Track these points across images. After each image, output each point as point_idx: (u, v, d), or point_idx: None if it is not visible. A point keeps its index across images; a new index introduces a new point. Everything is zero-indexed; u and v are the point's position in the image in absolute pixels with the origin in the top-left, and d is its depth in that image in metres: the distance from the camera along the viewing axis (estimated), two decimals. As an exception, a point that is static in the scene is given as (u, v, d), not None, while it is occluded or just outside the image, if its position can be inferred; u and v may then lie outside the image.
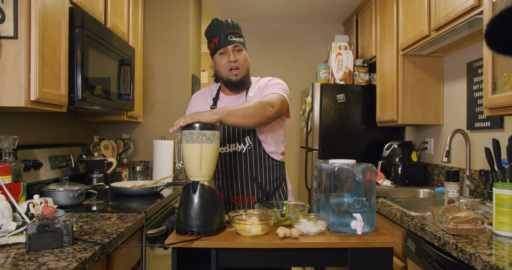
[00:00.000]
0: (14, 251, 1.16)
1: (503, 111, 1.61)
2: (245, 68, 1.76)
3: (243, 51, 1.76)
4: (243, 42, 1.77)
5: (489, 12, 1.66)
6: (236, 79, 1.74)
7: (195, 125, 1.34)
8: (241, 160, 1.75)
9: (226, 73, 1.75)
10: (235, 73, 1.74)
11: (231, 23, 1.75)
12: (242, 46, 1.75)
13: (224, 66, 1.74)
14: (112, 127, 3.13)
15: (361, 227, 1.31)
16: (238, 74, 1.74)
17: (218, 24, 1.73)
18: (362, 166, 1.36)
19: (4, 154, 1.64)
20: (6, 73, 1.49)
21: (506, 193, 1.37)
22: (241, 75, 1.75)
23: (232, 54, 1.72)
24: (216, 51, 1.74)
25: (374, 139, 3.40)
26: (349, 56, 3.48)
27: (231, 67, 1.73)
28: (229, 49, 1.72)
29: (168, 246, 1.27)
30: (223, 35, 1.72)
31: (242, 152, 1.75)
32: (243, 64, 1.74)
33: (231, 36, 1.72)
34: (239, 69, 1.73)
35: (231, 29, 1.73)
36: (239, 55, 1.74)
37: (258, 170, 1.77)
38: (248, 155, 1.75)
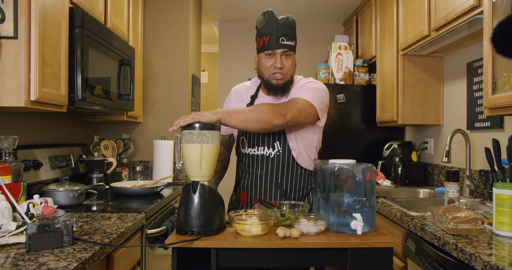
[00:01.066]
0: (14, 251, 1.16)
1: (503, 111, 1.61)
2: (290, 74, 1.65)
3: (292, 56, 1.64)
4: (294, 45, 1.64)
5: (489, 12, 1.65)
6: (277, 83, 1.64)
7: (195, 125, 1.34)
8: (268, 164, 1.69)
9: (268, 76, 1.64)
10: (278, 78, 1.63)
11: (287, 22, 1.61)
12: (292, 51, 1.63)
13: (268, 69, 1.63)
14: (112, 127, 3.13)
15: (361, 227, 1.31)
16: (281, 80, 1.63)
17: (272, 21, 1.59)
18: (362, 166, 1.36)
19: (4, 154, 1.64)
20: (6, 73, 1.49)
21: (506, 193, 1.37)
22: (284, 80, 1.64)
23: (280, 60, 1.60)
24: (263, 50, 1.63)
25: (374, 139, 3.40)
26: (349, 56, 3.48)
27: (275, 72, 1.62)
28: (277, 53, 1.60)
29: (168, 246, 1.27)
30: (275, 36, 1.58)
31: (270, 157, 1.69)
32: (288, 71, 1.63)
33: (283, 39, 1.59)
34: (283, 75, 1.62)
35: (285, 30, 1.59)
36: (287, 60, 1.62)
37: (284, 177, 1.70)
38: (276, 160, 1.69)
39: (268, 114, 1.47)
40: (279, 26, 1.59)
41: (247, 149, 1.72)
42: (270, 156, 1.69)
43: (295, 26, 1.64)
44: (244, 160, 1.75)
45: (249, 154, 1.72)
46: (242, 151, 1.74)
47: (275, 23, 1.59)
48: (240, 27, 4.63)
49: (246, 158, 1.74)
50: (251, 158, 1.72)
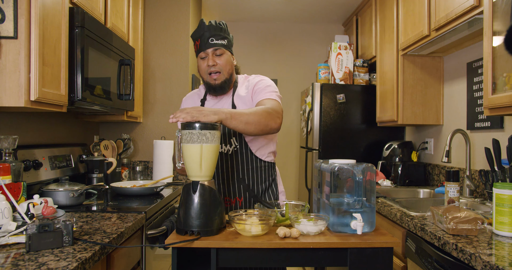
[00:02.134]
0: (14, 251, 1.16)
1: (503, 111, 1.61)
2: (226, 71, 1.68)
3: (224, 54, 1.68)
4: (226, 44, 1.69)
5: (489, 12, 1.66)
6: (215, 83, 1.69)
7: (195, 125, 1.34)
8: (227, 161, 1.72)
9: (206, 77, 1.70)
10: (214, 77, 1.68)
11: (214, 24, 1.68)
12: (223, 49, 1.68)
13: (204, 70, 1.69)
14: (112, 127, 3.13)
15: (361, 227, 1.31)
16: (217, 79, 1.68)
17: (201, 26, 1.68)
18: (362, 166, 1.36)
19: (4, 154, 1.64)
20: (6, 73, 1.49)
21: (506, 193, 1.37)
22: (221, 79, 1.68)
23: (211, 58, 1.66)
24: (197, 53, 1.70)
25: (374, 139, 3.40)
26: (349, 56, 3.48)
27: (210, 72, 1.67)
28: (209, 52, 1.66)
29: (168, 246, 1.27)
30: (204, 38, 1.65)
31: (228, 153, 1.72)
32: (223, 68, 1.67)
33: (212, 39, 1.65)
34: (219, 74, 1.67)
35: (213, 31, 1.66)
36: (219, 59, 1.67)
37: (245, 172, 1.73)
38: (234, 156, 1.72)
39: (266, 118, 1.49)
40: (206, 28, 1.66)
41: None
42: (228, 153, 1.72)
43: (225, 27, 1.72)
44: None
45: None
46: None
47: (203, 27, 1.67)
48: (240, 27, 4.63)
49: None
50: None
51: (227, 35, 1.72)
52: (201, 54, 1.68)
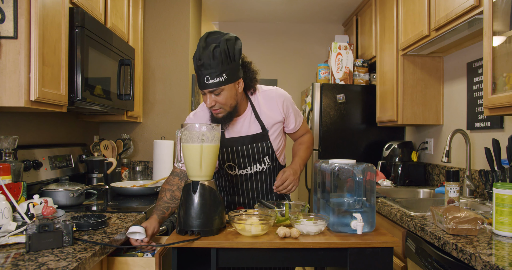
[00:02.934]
0: (14, 251, 1.16)
1: (503, 111, 1.61)
2: (228, 106, 1.60)
3: (224, 91, 1.55)
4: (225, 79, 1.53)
5: (489, 12, 1.65)
6: (218, 117, 1.64)
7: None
8: (262, 178, 1.78)
9: (210, 110, 1.65)
10: (216, 112, 1.62)
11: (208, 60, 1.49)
12: (221, 88, 1.54)
13: (206, 105, 1.61)
14: (112, 127, 3.13)
15: (361, 227, 1.31)
16: (219, 113, 1.62)
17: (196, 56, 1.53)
18: (362, 166, 1.36)
19: (4, 154, 1.64)
20: (6, 73, 1.49)
21: (506, 193, 1.37)
22: (223, 113, 1.62)
23: (209, 99, 1.57)
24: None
25: (374, 139, 3.40)
26: (349, 56, 3.48)
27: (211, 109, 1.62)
28: (206, 92, 1.56)
29: (168, 246, 1.27)
30: (201, 76, 1.53)
31: (263, 171, 1.77)
32: (224, 105, 1.59)
33: (207, 78, 1.51)
34: (219, 110, 1.61)
35: (207, 69, 1.50)
36: (218, 97, 1.56)
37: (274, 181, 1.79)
38: (268, 172, 1.78)
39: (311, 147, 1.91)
40: (200, 65, 1.51)
41: (237, 171, 1.76)
42: (263, 170, 1.78)
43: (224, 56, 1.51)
44: (235, 180, 1.78)
45: (241, 174, 1.76)
46: (231, 173, 1.77)
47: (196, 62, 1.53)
48: (240, 27, 4.63)
49: (236, 178, 1.78)
50: (243, 178, 1.77)
51: (228, 65, 1.53)
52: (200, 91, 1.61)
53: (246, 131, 1.71)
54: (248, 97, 1.72)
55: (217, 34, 1.57)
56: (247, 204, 1.81)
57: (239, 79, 1.60)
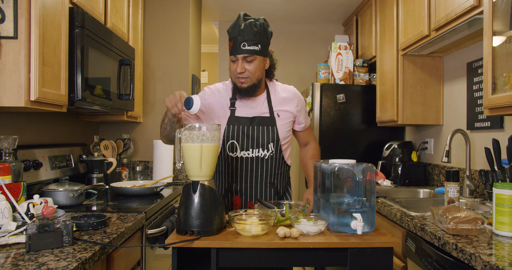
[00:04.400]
0: (14, 251, 1.16)
1: (503, 111, 1.61)
2: (255, 77, 1.68)
3: (255, 60, 1.66)
4: (260, 50, 1.65)
5: (489, 12, 1.65)
6: (241, 86, 1.70)
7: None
8: (262, 166, 1.76)
9: (234, 79, 1.72)
10: (242, 81, 1.68)
11: (249, 28, 1.62)
12: (254, 56, 1.65)
13: (233, 73, 1.69)
14: (112, 127, 3.13)
15: (361, 227, 1.31)
16: (245, 83, 1.69)
17: (236, 27, 1.64)
18: (362, 166, 1.36)
19: (4, 154, 1.64)
20: (6, 73, 1.49)
21: (506, 193, 1.37)
22: (248, 84, 1.69)
23: (241, 65, 1.65)
24: (229, 54, 1.69)
25: (374, 139, 3.40)
26: (349, 56, 3.47)
27: (238, 76, 1.68)
28: (239, 58, 1.65)
29: (168, 246, 1.27)
30: (237, 41, 1.63)
31: (265, 158, 1.75)
32: (252, 75, 1.67)
33: (244, 44, 1.62)
34: (246, 79, 1.68)
35: (246, 35, 1.62)
36: (249, 65, 1.65)
37: (275, 176, 1.79)
38: (270, 161, 1.76)
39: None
40: (241, 32, 1.62)
41: (239, 152, 1.74)
42: (265, 158, 1.75)
43: (261, 29, 1.64)
44: (235, 163, 1.75)
45: (242, 157, 1.74)
46: (232, 155, 1.75)
47: (238, 29, 1.63)
48: (240, 27, 4.62)
49: (236, 162, 1.75)
50: (244, 161, 1.74)
51: (263, 38, 1.66)
52: (232, 57, 1.68)
53: (256, 112, 1.75)
54: (266, 83, 1.80)
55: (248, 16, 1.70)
56: (244, 193, 1.77)
57: (267, 57, 1.73)
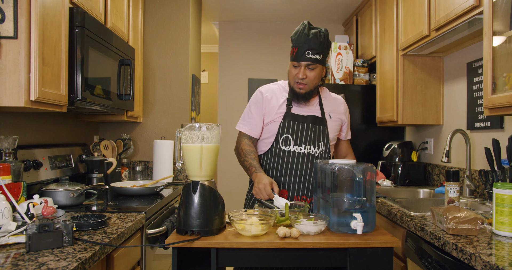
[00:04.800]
0: (14, 251, 1.16)
1: (503, 111, 1.61)
2: (313, 84, 1.79)
3: (317, 68, 1.76)
4: (321, 59, 1.76)
5: (489, 12, 1.65)
6: (299, 92, 1.79)
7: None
8: (313, 162, 1.81)
9: (293, 84, 1.81)
10: (300, 87, 1.78)
11: (315, 37, 1.72)
12: (316, 64, 1.75)
13: (293, 77, 1.79)
14: (112, 127, 3.13)
15: (361, 227, 1.31)
16: (303, 89, 1.79)
17: (302, 35, 1.72)
18: (362, 166, 1.36)
19: (4, 154, 1.64)
20: (6, 73, 1.49)
21: (506, 193, 1.37)
22: (306, 90, 1.79)
23: (303, 71, 1.74)
24: (291, 60, 1.79)
25: (374, 139, 3.40)
26: (349, 56, 3.47)
27: (298, 82, 1.77)
28: (302, 65, 1.75)
29: (168, 245, 1.27)
30: (302, 49, 1.72)
31: (315, 155, 1.82)
32: (311, 82, 1.77)
33: (309, 52, 1.72)
34: (305, 86, 1.78)
35: (312, 44, 1.71)
36: (310, 72, 1.76)
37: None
38: (319, 158, 1.82)
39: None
40: (307, 40, 1.71)
41: (292, 146, 1.80)
42: (316, 155, 1.82)
43: (325, 40, 1.75)
44: (286, 157, 1.81)
45: (294, 152, 1.80)
46: (285, 148, 1.81)
47: (304, 37, 1.72)
48: (240, 27, 4.63)
49: (288, 156, 1.81)
50: (296, 156, 1.80)
51: (325, 48, 1.76)
52: (294, 63, 1.77)
53: (310, 112, 1.85)
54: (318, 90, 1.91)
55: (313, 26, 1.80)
56: (292, 187, 1.82)
57: (324, 66, 1.83)
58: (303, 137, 1.81)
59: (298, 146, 1.80)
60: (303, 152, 1.81)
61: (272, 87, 1.91)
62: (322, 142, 1.82)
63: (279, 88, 1.90)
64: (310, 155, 1.81)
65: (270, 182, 1.63)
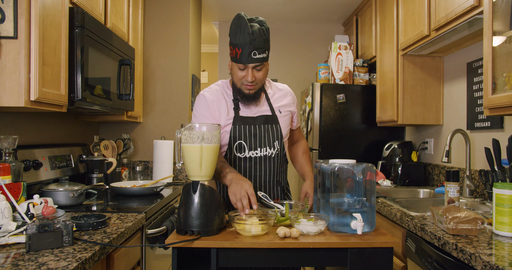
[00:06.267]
0: (14, 251, 1.16)
1: (503, 111, 1.61)
2: (262, 83, 1.67)
3: (264, 67, 1.64)
4: (267, 56, 1.62)
5: (489, 12, 1.65)
6: (249, 93, 1.67)
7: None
8: (270, 164, 1.74)
9: (240, 85, 1.66)
10: (250, 88, 1.65)
11: (259, 34, 1.55)
12: (264, 63, 1.62)
13: (240, 80, 1.64)
14: (112, 127, 3.13)
15: (361, 227, 1.31)
16: (252, 89, 1.66)
17: (244, 33, 1.55)
18: (362, 166, 1.36)
19: (4, 154, 1.64)
20: (6, 73, 1.49)
21: (506, 193, 1.37)
22: (255, 90, 1.67)
23: (251, 74, 1.60)
24: (235, 61, 1.62)
25: (374, 139, 3.40)
26: (349, 56, 3.47)
27: (247, 84, 1.64)
28: (249, 67, 1.60)
29: (168, 245, 1.27)
30: (247, 50, 1.55)
31: (272, 156, 1.73)
32: (260, 82, 1.66)
33: (255, 52, 1.56)
34: (255, 86, 1.65)
35: (257, 44, 1.55)
36: (258, 73, 1.62)
37: (280, 173, 1.79)
38: (276, 159, 1.75)
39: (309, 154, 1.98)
40: (251, 39, 1.54)
41: (247, 152, 1.70)
42: (272, 156, 1.74)
43: (268, 36, 1.60)
44: (243, 164, 1.71)
45: (250, 157, 1.71)
46: (239, 155, 1.70)
47: (247, 36, 1.55)
48: (240, 27, 4.62)
49: (245, 162, 1.71)
50: (253, 161, 1.71)
51: (268, 43, 1.62)
52: (240, 65, 1.61)
53: (258, 111, 1.74)
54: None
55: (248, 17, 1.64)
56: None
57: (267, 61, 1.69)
58: (256, 140, 1.69)
59: (253, 151, 1.69)
60: (259, 156, 1.70)
61: (214, 89, 1.76)
62: (277, 141, 1.73)
63: (222, 90, 1.75)
64: (267, 158, 1.71)
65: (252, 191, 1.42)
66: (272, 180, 1.76)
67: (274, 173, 1.76)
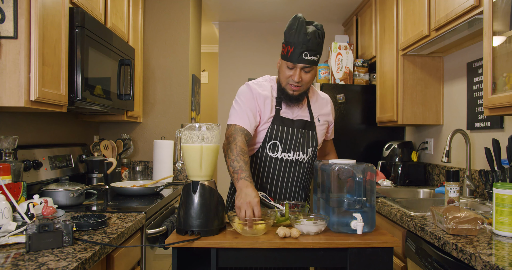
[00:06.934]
0: (14, 251, 1.16)
1: (503, 111, 1.61)
2: (307, 86, 1.67)
3: (312, 70, 1.63)
4: (317, 60, 1.62)
5: (489, 12, 1.65)
6: (293, 94, 1.66)
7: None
8: (300, 169, 1.74)
9: (286, 85, 1.66)
10: (294, 89, 1.65)
11: (314, 37, 1.56)
12: (313, 66, 1.62)
13: (286, 78, 1.64)
14: (112, 127, 3.13)
15: (361, 227, 1.31)
16: (297, 91, 1.66)
17: (300, 33, 1.56)
18: (362, 166, 1.36)
19: (4, 154, 1.64)
20: (6, 73, 1.49)
21: (506, 193, 1.37)
22: (300, 92, 1.66)
23: (299, 74, 1.60)
24: (285, 59, 1.63)
25: (374, 139, 3.40)
26: (349, 56, 3.47)
27: (292, 84, 1.64)
28: (298, 67, 1.60)
29: (168, 246, 1.27)
30: (298, 50, 1.57)
31: (303, 162, 1.73)
32: (306, 85, 1.65)
33: (306, 54, 1.57)
34: (300, 87, 1.65)
35: (310, 45, 1.56)
36: (305, 75, 1.62)
37: (307, 180, 1.79)
38: (306, 165, 1.75)
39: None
40: (305, 41, 1.56)
41: (280, 153, 1.70)
42: (304, 161, 1.74)
43: (322, 40, 1.61)
44: (273, 164, 1.71)
45: (282, 159, 1.70)
46: (272, 155, 1.69)
47: (302, 36, 1.56)
48: (240, 27, 4.63)
49: (275, 163, 1.70)
50: (283, 163, 1.71)
51: (321, 48, 1.62)
52: (289, 64, 1.62)
53: (298, 116, 1.74)
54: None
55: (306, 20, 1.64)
56: (278, 195, 1.74)
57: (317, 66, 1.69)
58: (292, 143, 1.70)
59: (286, 153, 1.70)
60: (291, 159, 1.70)
61: (262, 83, 1.75)
62: (311, 148, 1.73)
63: (268, 86, 1.74)
64: (298, 162, 1.72)
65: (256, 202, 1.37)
66: (299, 185, 1.77)
67: (302, 179, 1.76)
